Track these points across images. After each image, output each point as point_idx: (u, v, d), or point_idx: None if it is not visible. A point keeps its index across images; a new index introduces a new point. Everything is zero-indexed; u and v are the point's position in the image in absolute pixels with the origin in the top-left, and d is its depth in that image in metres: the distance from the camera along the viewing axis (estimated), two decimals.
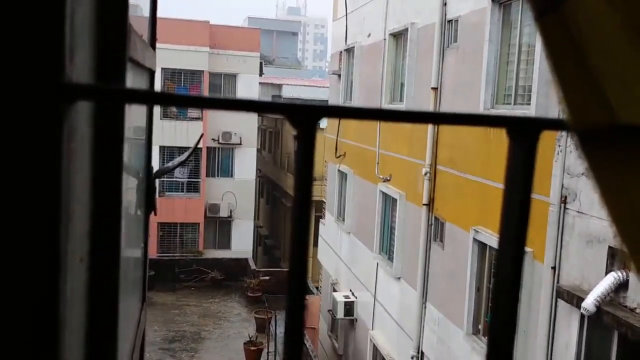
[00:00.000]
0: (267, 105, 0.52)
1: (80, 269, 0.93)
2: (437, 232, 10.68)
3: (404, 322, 11.89)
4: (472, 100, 9.30)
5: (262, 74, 29.21)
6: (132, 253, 1.96)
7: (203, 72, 26.05)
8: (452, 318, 9.92)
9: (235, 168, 27.36)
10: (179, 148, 23.85)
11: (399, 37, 12.83)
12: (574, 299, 6.59)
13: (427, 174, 10.81)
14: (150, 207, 2.52)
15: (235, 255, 26.53)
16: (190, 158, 23.59)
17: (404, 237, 12.06)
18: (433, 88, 10.74)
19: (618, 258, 6.21)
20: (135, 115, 1.90)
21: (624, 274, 6.08)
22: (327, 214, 18.03)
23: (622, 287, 6.11)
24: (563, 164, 7.06)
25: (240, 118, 26.19)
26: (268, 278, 23.45)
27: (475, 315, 9.29)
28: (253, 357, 18.33)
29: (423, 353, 11.11)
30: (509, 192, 0.50)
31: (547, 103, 7.47)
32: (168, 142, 24.33)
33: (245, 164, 27.41)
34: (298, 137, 0.48)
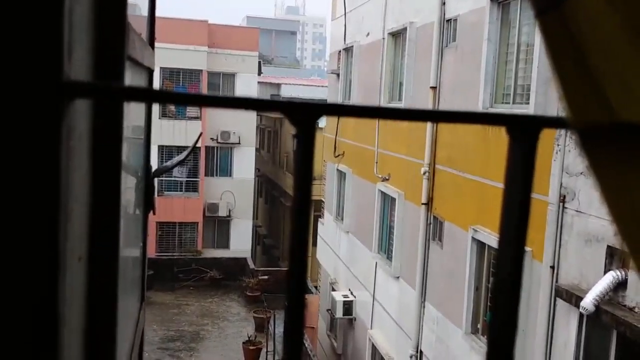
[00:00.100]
0: (266, 103, 0.52)
1: (79, 268, 0.93)
2: (436, 231, 10.68)
3: (403, 321, 11.89)
4: (471, 100, 9.30)
5: (260, 74, 29.25)
6: (130, 252, 1.96)
7: (202, 71, 26.03)
8: (450, 317, 9.92)
9: (234, 167, 27.35)
10: (178, 147, 23.83)
11: (398, 36, 12.83)
12: (573, 298, 6.59)
13: (425, 173, 10.81)
14: (149, 206, 2.52)
15: (234, 255, 26.54)
16: (189, 157, 23.54)
17: (403, 236, 12.06)
18: (432, 87, 10.74)
19: (617, 257, 6.21)
20: (134, 115, 1.90)
21: (623, 273, 6.08)
22: (326, 214, 18.03)
23: (621, 286, 6.10)
24: (562, 163, 7.06)
25: (239, 117, 26.21)
26: (267, 277, 23.46)
27: (474, 315, 9.29)
28: (252, 356, 18.33)
29: (422, 352, 11.11)
30: (509, 191, 0.50)
31: (545, 102, 7.47)
32: (167, 141, 24.35)
33: (244, 164, 27.41)
34: (297, 135, 0.48)
